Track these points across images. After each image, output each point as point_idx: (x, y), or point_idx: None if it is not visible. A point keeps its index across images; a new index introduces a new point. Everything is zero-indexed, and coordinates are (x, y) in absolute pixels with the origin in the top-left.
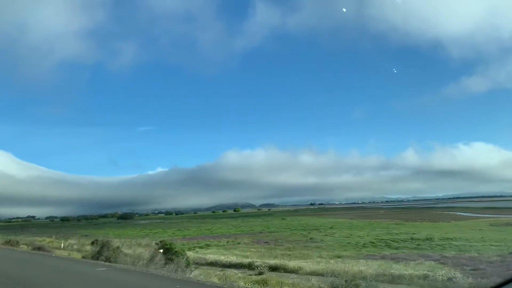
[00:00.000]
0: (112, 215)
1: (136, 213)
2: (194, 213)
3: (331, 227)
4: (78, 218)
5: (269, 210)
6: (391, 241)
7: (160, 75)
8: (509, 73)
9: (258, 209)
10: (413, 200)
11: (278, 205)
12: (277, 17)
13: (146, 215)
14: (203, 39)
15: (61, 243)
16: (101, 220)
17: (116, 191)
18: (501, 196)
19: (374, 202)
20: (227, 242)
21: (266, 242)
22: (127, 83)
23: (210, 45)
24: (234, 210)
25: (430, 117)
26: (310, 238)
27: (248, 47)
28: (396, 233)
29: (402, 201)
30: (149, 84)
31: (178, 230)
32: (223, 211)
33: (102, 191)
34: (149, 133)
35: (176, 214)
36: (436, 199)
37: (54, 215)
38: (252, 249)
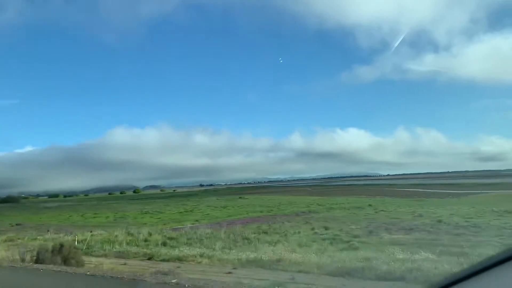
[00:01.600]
0: None
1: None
2: (85, 195)
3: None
4: None
5: (174, 191)
6: None
7: (46, 38)
8: (394, 65)
9: (162, 190)
10: (292, 180)
11: (164, 187)
12: None
13: (25, 197)
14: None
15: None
16: None
17: None
18: (366, 176)
19: (257, 182)
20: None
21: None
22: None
23: (112, 8)
24: (134, 192)
25: (320, 102)
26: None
27: (156, 15)
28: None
29: (281, 181)
30: (30, 47)
31: (146, 213)
32: (121, 193)
33: None
34: (17, 106)
35: (65, 196)
36: (312, 179)
37: None
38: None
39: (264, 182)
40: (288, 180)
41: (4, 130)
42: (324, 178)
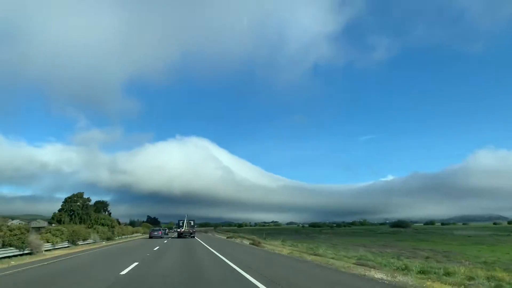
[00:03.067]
0: (362, 223)
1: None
2: (463, 223)
3: None
4: (330, 225)
5: None
6: None
7: (410, 64)
8: None
9: None
10: None
11: None
12: None
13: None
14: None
15: None
16: (357, 228)
17: (347, 199)
18: None
19: None
20: None
21: None
22: (373, 81)
23: (477, 15)
24: None
25: None
26: None
27: None
28: None
29: None
30: (397, 77)
31: None
32: (509, 223)
33: (335, 199)
34: (375, 140)
35: (442, 224)
36: None
37: (294, 221)
38: None
39: None
40: None
41: (371, 162)
42: None
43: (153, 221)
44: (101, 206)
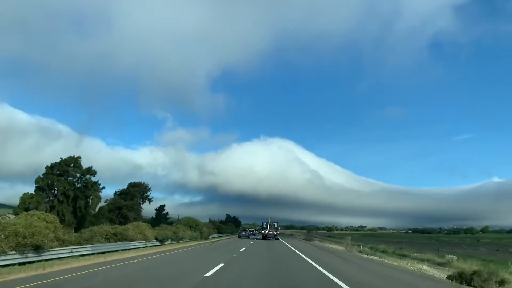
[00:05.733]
0: (483, 230)
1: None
2: None
3: None
4: (441, 231)
5: None
6: None
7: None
8: None
9: None
10: None
11: None
12: None
13: None
14: None
15: None
16: (493, 236)
17: (447, 203)
18: None
19: None
20: None
21: None
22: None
23: None
24: None
25: None
26: None
27: None
28: None
29: None
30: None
31: None
32: None
33: (433, 203)
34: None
35: None
36: None
37: (384, 226)
38: None
39: None
40: None
41: (479, 161)
42: None
43: (232, 221)
44: (138, 191)
